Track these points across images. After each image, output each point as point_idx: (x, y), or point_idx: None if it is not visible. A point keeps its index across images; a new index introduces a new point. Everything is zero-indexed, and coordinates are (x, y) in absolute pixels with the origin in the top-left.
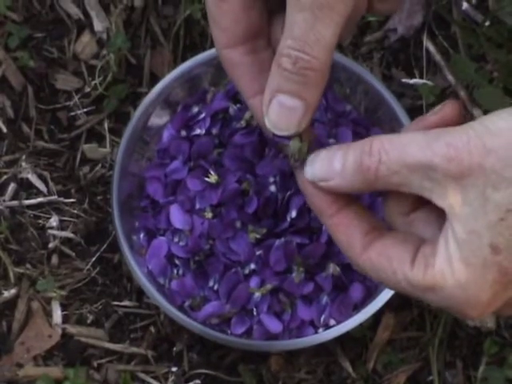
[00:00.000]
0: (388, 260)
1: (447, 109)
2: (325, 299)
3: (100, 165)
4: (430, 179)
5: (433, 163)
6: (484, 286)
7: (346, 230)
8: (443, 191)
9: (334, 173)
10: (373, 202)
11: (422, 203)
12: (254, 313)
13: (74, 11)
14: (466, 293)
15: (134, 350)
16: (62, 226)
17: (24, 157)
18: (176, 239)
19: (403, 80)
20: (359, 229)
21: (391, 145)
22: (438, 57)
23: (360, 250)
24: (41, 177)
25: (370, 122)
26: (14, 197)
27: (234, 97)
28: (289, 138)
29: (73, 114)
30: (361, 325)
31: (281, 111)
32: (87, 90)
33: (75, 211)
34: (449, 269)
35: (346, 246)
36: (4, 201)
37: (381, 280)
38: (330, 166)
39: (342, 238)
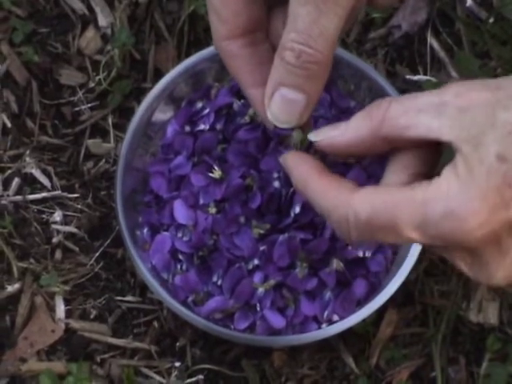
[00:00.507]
0: (384, 189)
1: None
2: (328, 295)
3: (104, 160)
4: (440, 116)
5: (444, 99)
6: (487, 191)
7: (336, 182)
8: (453, 123)
9: (338, 131)
10: None
11: (421, 175)
12: (258, 308)
13: (79, 6)
14: (470, 195)
15: (138, 345)
16: (65, 221)
17: (28, 152)
18: (180, 234)
19: (407, 76)
20: (349, 184)
21: (402, 97)
22: (442, 53)
23: (351, 190)
24: (45, 172)
25: None
26: (18, 192)
27: (238, 92)
28: (291, 129)
29: (77, 109)
30: (364, 320)
31: (283, 104)
32: (91, 85)
33: (79, 206)
34: (453, 175)
35: (333, 193)
36: (8, 195)
37: (372, 210)
38: (333, 128)
39: (332, 190)
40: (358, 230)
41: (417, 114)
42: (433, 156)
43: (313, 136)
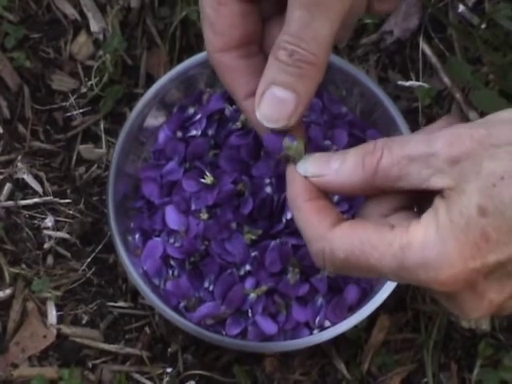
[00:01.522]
0: (363, 226)
1: (451, 121)
2: (320, 301)
3: (96, 165)
4: (430, 167)
5: (434, 150)
6: (465, 244)
7: (319, 211)
8: (442, 175)
9: (331, 169)
10: None
11: (401, 208)
12: (249, 314)
13: (71, 12)
14: (447, 247)
15: (129, 350)
16: (57, 227)
17: (20, 157)
18: (171, 240)
19: (399, 82)
20: (333, 214)
21: (394, 142)
22: (434, 59)
23: (331, 224)
24: (36, 177)
25: (365, 123)
26: (10, 197)
27: (230, 98)
28: (283, 133)
29: (69, 114)
30: (356, 326)
31: (273, 103)
32: (83, 90)
33: (71, 212)
34: (433, 223)
35: (314, 223)
36: (0, 201)
37: (350, 249)
38: (326, 163)
39: (313, 217)
40: (335, 266)
41: (408, 164)
42: (416, 193)
43: (302, 170)
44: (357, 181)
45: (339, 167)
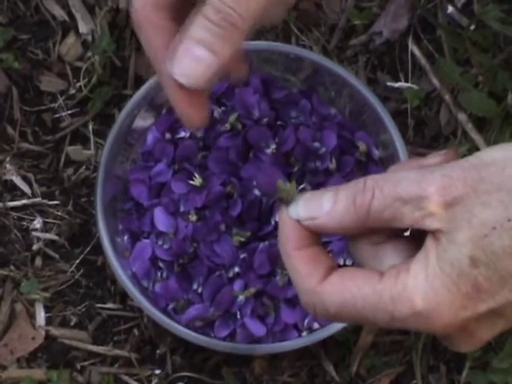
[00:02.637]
0: (352, 278)
1: (448, 157)
2: None
3: (84, 167)
4: (423, 209)
5: (426, 193)
6: (456, 295)
7: (309, 262)
8: (434, 218)
9: (322, 212)
10: None
11: (392, 236)
12: (238, 316)
13: (59, 13)
14: (437, 298)
15: (118, 352)
16: (45, 228)
17: (8, 158)
18: (160, 242)
19: (388, 83)
20: (323, 264)
21: (385, 181)
22: (423, 60)
23: (320, 278)
24: (25, 179)
25: (354, 125)
26: None
27: (219, 100)
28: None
29: (57, 115)
30: (344, 328)
31: (191, 60)
32: (72, 91)
33: (59, 213)
34: (423, 273)
35: (304, 275)
36: None
37: (342, 304)
38: (317, 205)
39: (303, 268)
40: (327, 318)
41: (400, 207)
42: (409, 246)
43: (294, 213)
44: (349, 222)
45: (331, 209)
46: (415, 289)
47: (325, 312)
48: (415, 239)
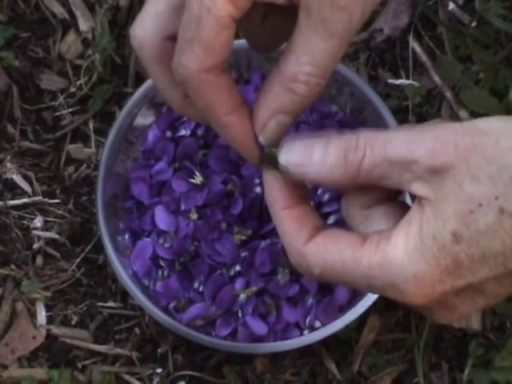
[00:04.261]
0: (336, 241)
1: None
2: (310, 301)
3: (85, 165)
4: (411, 172)
5: (415, 157)
6: (435, 268)
7: (296, 222)
8: (422, 183)
9: (312, 160)
10: None
11: (384, 199)
12: (239, 315)
13: (59, 11)
14: (415, 268)
15: (119, 351)
16: (46, 227)
17: (9, 157)
18: (161, 240)
19: (389, 80)
20: (309, 224)
21: (376, 140)
22: (424, 57)
23: (306, 238)
24: (25, 177)
25: (355, 122)
26: None
27: None
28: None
29: (58, 114)
30: (346, 326)
31: (277, 129)
32: (72, 89)
33: (60, 212)
34: (403, 243)
35: (291, 236)
36: None
37: (323, 266)
38: (307, 153)
39: (290, 228)
40: (313, 278)
41: (389, 168)
42: (400, 211)
43: (284, 157)
44: (338, 177)
45: (321, 161)
46: (394, 259)
47: (310, 272)
48: (406, 205)
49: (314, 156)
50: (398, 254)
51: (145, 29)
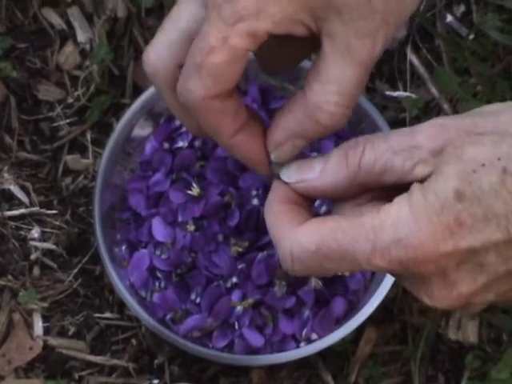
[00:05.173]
0: (333, 218)
1: None
2: (307, 313)
3: (82, 176)
4: (413, 158)
5: (417, 142)
6: (437, 225)
7: (288, 213)
8: (425, 164)
9: (314, 173)
10: None
11: (377, 199)
12: (236, 326)
13: (57, 22)
14: (419, 225)
15: (116, 362)
16: (43, 238)
17: (6, 168)
18: (158, 252)
19: (387, 92)
20: (304, 212)
21: (376, 137)
22: (421, 69)
23: (299, 223)
24: (23, 188)
25: (353, 134)
26: None
27: None
28: None
29: (55, 124)
30: (343, 339)
31: (292, 150)
32: (70, 100)
33: (57, 222)
34: (406, 202)
35: (282, 221)
36: None
37: (321, 240)
38: (309, 168)
39: (282, 218)
40: (304, 264)
41: (392, 157)
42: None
43: (286, 177)
44: (341, 178)
45: (323, 167)
46: (398, 216)
47: (302, 255)
48: None
49: (316, 167)
50: (402, 212)
51: (159, 56)
